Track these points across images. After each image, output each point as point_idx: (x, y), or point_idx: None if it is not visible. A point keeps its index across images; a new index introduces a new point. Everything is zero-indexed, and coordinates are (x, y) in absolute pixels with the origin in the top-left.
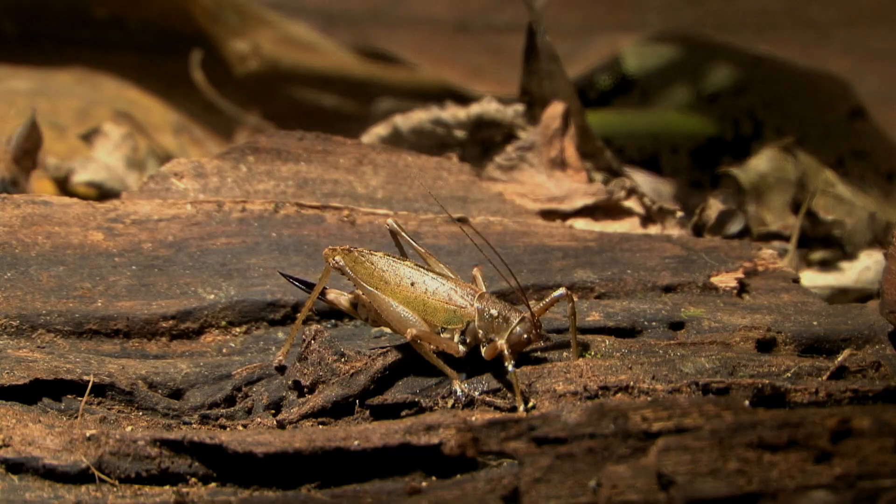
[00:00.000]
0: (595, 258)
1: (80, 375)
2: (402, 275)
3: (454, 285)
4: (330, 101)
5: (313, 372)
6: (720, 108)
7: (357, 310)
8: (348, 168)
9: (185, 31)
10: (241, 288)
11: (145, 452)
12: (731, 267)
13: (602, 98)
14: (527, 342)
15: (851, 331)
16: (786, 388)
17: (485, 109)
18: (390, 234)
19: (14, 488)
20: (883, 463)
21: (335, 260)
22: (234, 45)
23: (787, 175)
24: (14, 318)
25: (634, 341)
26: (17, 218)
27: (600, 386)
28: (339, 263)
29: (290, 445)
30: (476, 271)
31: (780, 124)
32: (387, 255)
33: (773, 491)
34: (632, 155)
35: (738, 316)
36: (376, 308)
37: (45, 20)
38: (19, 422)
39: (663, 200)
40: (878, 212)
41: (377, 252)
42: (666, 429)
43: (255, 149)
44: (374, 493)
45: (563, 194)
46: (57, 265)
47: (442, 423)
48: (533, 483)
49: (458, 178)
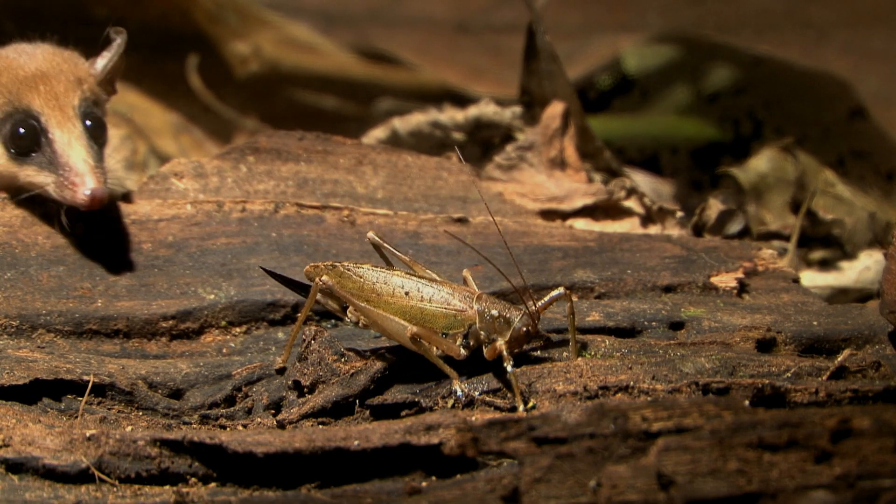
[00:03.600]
0: (595, 258)
1: (80, 375)
2: (395, 284)
3: (450, 289)
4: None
5: (313, 372)
6: (720, 109)
7: (347, 313)
8: (348, 168)
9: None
10: (241, 288)
11: (145, 452)
12: (731, 267)
13: (602, 98)
14: (527, 336)
15: (851, 331)
16: (786, 388)
17: (483, 111)
18: (374, 247)
19: (14, 488)
20: (883, 463)
21: (322, 281)
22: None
23: (787, 175)
24: (14, 318)
25: (634, 341)
26: (17, 218)
27: (600, 386)
28: (326, 284)
29: (290, 445)
30: (466, 272)
31: (780, 124)
32: (374, 267)
33: (773, 491)
34: (632, 155)
35: (738, 316)
36: (371, 322)
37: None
38: (19, 422)
39: (663, 200)
40: (878, 212)
41: (363, 264)
42: (666, 429)
43: (255, 149)
44: (374, 493)
45: (563, 194)
46: (57, 265)
47: (442, 423)
48: (533, 483)
49: (458, 178)
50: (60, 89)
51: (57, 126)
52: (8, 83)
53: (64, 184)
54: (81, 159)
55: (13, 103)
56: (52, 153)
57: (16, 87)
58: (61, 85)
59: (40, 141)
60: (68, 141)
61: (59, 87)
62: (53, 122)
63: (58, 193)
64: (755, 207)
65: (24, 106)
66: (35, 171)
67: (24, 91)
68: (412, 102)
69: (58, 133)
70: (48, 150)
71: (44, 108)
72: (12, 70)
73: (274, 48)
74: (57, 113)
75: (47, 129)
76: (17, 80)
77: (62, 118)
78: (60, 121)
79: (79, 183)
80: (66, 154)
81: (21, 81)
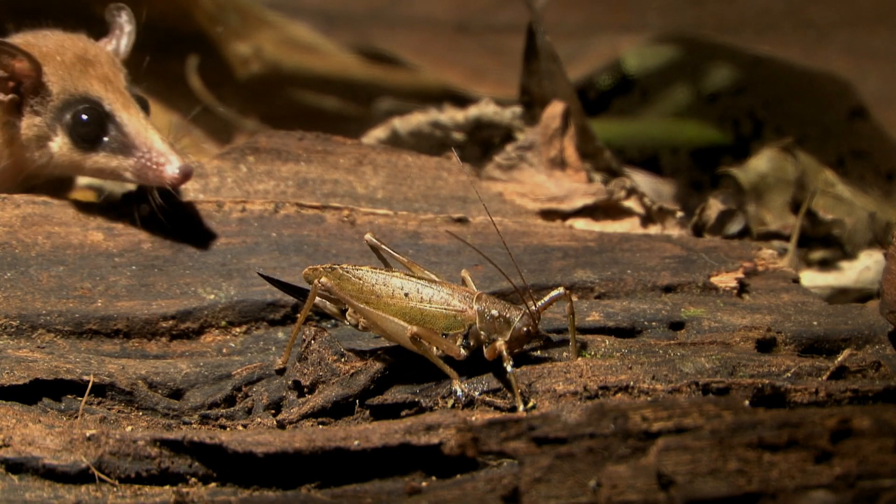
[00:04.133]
0: (595, 258)
1: (80, 375)
2: (394, 286)
3: (450, 290)
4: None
5: (313, 372)
6: (720, 109)
7: (346, 315)
8: (348, 168)
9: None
10: (241, 288)
11: (145, 452)
12: (731, 267)
13: (602, 98)
14: (527, 336)
15: (851, 331)
16: (786, 388)
17: (483, 112)
18: (371, 249)
19: (14, 488)
20: (883, 463)
21: (320, 283)
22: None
23: (787, 175)
24: (14, 318)
25: (634, 341)
26: (17, 218)
27: (600, 386)
28: (324, 287)
29: (290, 445)
30: (465, 273)
31: (780, 124)
32: (374, 269)
33: (773, 491)
34: (632, 155)
35: (738, 316)
36: (371, 324)
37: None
38: (19, 422)
39: (663, 200)
40: (878, 212)
41: (363, 266)
42: (666, 429)
43: (255, 149)
44: (374, 493)
45: (563, 194)
46: (57, 265)
47: (442, 423)
48: (533, 483)
49: (458, 178)
50: (108, 71)
51: (123, 109)
52: (57, 70)
53: (147, 165)
54: (158, 139)
55: (68, 90)
56: (122, 137)
57: (66, 73)
58: (106, 66)
59: (107, 126)
60: (138, 122)
61: (106, 69)
62: (119, 106)
63: (138, 176)
64: (755, 207)
65: (82, 92)
66: (106, 157)
67: (77, 77)
68: (412, 102)
69: (125, 116)
70: (117, 135)
71: (103, 93)
72: (53, 57)
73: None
74: (117, 96)
75: (112, 113)
76: (65, 67)
77: (124, 101)
78: (124, 103)
79: (164, 162)
80: (142, 136)
81: (69, 68)
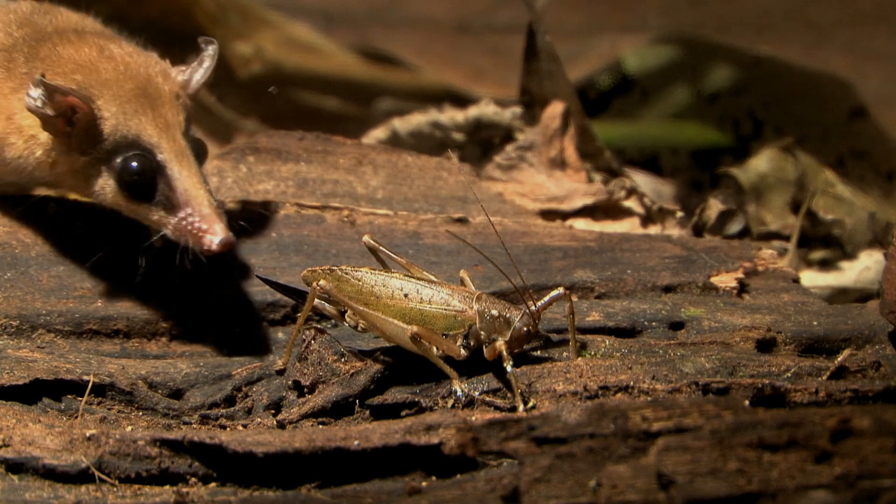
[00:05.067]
0: (595, 258)
1: (80, 375)
2: (394, 286)
3: (449, 290)
4: (331, 103)
5: (313, 372)
6: (720, 109)
7: (346, 317)
8: (348, 168)
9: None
10: (240, 288)
11: (145, 452)
12: (731, 267)
13: (602, 98)
14: (527, 336)
15: (851, 331)
16: (786, 388)
17: (483, 112)
18: (370, 251)
19: (14, 488)
20: (883, 463)
21: (319, 285)
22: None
23: (787, 175)
24: (14, 318)
25: (634, 341)
26: (17, 218)
27: (600, 386)
28: (323, 289)
29: (290, 445)
30: (464, 273)
31: (780, 124)
32: (373, 270)
33: (773, 491)
34: (632, 155)
35: (738, 316)
36: (371, 325)
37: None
38: (19, 422)
39: (663, 201)
40: (878, 212)
41: (362, 267)
42: (666, 429)
43: (255, 149)
44: (374, 493)
45: (563, 194)
46: (57, 265)
47: (442, 423)
48: (533, 483)
49: (458, 178)
50: (168, 112)
51: (176, 161)
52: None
53: (187, 229)
54: (207, 202)
55: (121, 131)
56: (170, 192)
57: (120, 110)
58: (167, 105)
59: (156, 179)
60: (189, 180)
61: (166, 108)
62: (172, 157)
63: (177, 235)
64: (755, 207)
65: (134, 135)
66: (149, 209)
67: (132, 115)
68: (412, 103)
69: (176, 170)
70: (165, 188)
71: (157, 139)
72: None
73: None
74: (171, 144)
75: (164, 165)
76: (120, 102)
77: (177, 150)
78: (178, 154)
79: (207, 230)
80: (191, 195)
81: (125, 103)
